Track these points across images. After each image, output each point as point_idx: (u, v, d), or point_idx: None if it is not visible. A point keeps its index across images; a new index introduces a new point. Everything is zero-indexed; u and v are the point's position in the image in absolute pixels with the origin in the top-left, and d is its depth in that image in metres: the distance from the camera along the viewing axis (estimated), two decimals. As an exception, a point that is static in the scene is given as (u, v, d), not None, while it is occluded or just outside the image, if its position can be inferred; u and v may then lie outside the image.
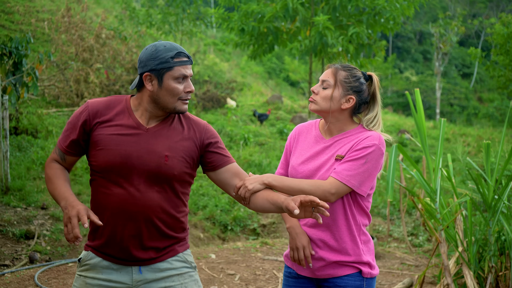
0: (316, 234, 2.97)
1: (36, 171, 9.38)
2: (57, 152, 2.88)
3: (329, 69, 3.02)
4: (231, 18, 9.54)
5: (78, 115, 2.82)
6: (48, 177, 2.83)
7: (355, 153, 2.88)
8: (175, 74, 2.79)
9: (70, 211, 2.61)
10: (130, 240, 2.79)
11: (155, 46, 2.82)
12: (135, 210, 2.77)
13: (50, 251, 6.72)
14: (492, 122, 33.75)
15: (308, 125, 3.17)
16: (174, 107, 2.83)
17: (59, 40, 14.94)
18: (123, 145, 2.77)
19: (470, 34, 51.69)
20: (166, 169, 2.81)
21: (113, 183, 2.77)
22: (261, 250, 7.39)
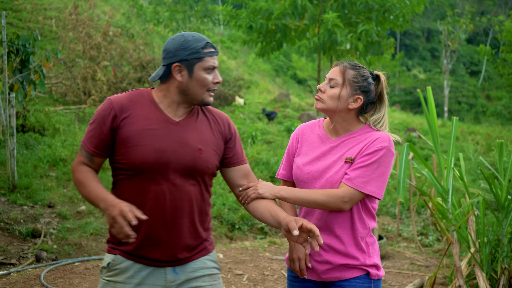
0: (324, 238, 2.88)
1: (43, 169, 9.34)
2: (84, 154, 2.74)
3: (337, 67, 2.93)
4: (239, 15, 9.47)
5: (104, 113, 2.70)
6: (79, 181, 2.70)
7: (366, 157, 2.81)
8: (205, 64, 2.73)
9: (112, 210, 2.51)
10: (167, 239, 2.72)
11: (183, 36, 2.76)
12: (174, 207, 2.71)
13: (56, 250, 6.67)
14: (500, 120, 33.61)
15: (311, 124, 3.10)
16: (202, 99, 2.77)
17: (66, 37, 14.92)
18: (156, 140, 2.69)
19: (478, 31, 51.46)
20: (201, 163, 2.76)
21: (148, 181, 2.68)
22: (269, 250, 7.32)
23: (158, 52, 18.71)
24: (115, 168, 2.74)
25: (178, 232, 2.73)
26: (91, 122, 2.73)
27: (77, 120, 13.23)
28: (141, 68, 16.35)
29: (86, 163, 2.74)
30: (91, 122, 2.73)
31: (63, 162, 9.74)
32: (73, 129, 12.20)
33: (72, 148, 10.45)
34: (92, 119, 2.75)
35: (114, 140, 2.71)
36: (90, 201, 2.64)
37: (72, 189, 8.70)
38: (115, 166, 2.74)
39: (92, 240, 7.08)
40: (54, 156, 9.83)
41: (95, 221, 7.61)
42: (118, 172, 2.74)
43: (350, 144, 2.89)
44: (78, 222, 7.55)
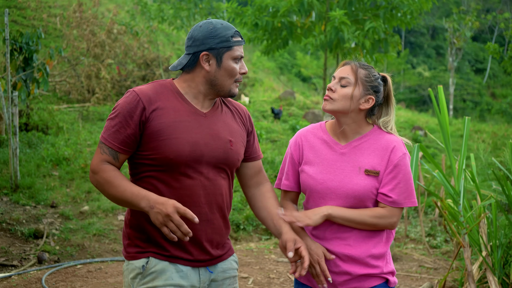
0: (341, 249, 2.75)
1: (46, 168, 9.25)
2: (108, 151, 2.52)
3: (347, 66, 2.79)
4: (245, 12, 9.35)
5: (130, 105, 2.51)
6: (106, 181, 2.48)
7: (394, 173, 2.70)
8: (235, 54, 2.61)
9: (164, 208, 2.37)
10: (203, 236, 2.60)
11: (212, 23, 2.62)
12: (208, 201, 2.59)
13: (59, 251, 6.57)
14: (505, 118, 33.47)
15: (313, 129, 2.91)
16: (229, 90, 2.65)
17: (70, 35, 14.87)
18: (188, 133, 2.55)
19: (483, 29, 51.34)
20: (233, 155, 2.66)
21: (181, 175, 2.54)
22: (274, 252, 7.21)
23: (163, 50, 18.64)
24: (141, 164, 2.57)
25: (212, 229, 2.62)
26: (112, 116, 2.54)
27: (81, 118, 13.15)
28: (145, 66, 16.27)
29: (110, 161, 2.53)
30: (113, 117, 2.53)
31: (66, 161, 9.65)
32: (77, 127, 12.12)
33: (76, 147, 10.37)
34: (113, 113, 2.55)
35: (141, 134, 2.53)
36: (124, 201, 2.47)
37: (75, 189, 8.61)
38: (140, 163, 2.57)
39: (95, 241, 6.98)
40: (58, 155, 9.74)
41: (98, 222, 7.51)
42: (144, 169, 2.56)
43: (363, 150, 2.75)
44: (81, 222, 7.46)
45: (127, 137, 2.52)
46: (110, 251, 6.80)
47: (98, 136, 11.54)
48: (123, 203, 2.49)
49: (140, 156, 2.56)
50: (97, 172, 2.52)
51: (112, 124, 2.53)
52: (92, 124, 12.90)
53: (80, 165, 9.48)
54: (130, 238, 2.61)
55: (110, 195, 2.50)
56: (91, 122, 13.12)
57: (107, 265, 6.26)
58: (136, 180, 2.60)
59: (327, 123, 2.91)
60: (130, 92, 2.57)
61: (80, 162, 9.59)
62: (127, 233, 2.63)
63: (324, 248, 2.72)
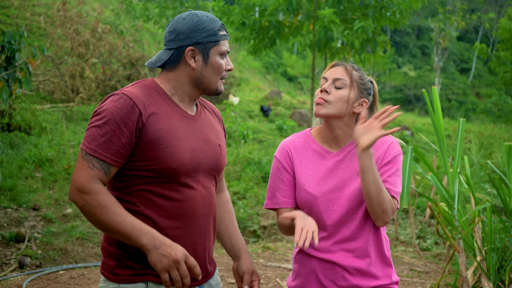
0: (348, 261, 2.59)
1: (28, 170, 9.05)
2: (98, 165, 2.21)
3: (340, 67, 2.63)
4: (232, 11, 9.18)
5: (124, 110, 2.22)
6: (100, 205, 2.17)
7: (388, 166, 2.57)
8: (221, 49, 2.39)
9: (173, 253, 2.15)
10: (203, 251, 2.40)
11: (197, 15, 2.38)
12: (206, 212, 2.39)
13: (41, 255, 6.39)
14: (490, 118, 33.64)
15: (299, 138, 2.71)
16: (216, 87, 2.43)
17: (54, 34, 14.65)
18: (185, 139, 2.32)
19: (468, 29, 51.63)
20: (222, 160, 2.47)
21: (181, 186, 2.31)
22: (263, 256, 7.05)
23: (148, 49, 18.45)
24: (133, 176, 2.28)
25: (209, 242, 2.44)
26: (100, 123, 2.22)
27: (65, 118, 12.95)
28: (130, 66, 16.08)
29: (101, 178, 2.22)
30: (102, 123, 2.22)
31: (49, 163, 9.46)
32: (61, 128, 11.92)
33: (59, 148, 10.17)
34: (99, 119, 2.24)
35: (135, 143, 2.26)
36: (120, 232, 2.18)
37: (58, 191, 8.42)
38: (133, 175, 2.28)
39: (78, 245, 6.80)
40: (40, 156, 9.55)
41: (81, 225, 7.34)
42: (137, 182, 2.28)
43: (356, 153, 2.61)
44: (64, 225, 7.28)
45: (121, 147, 2.23)
46: (94, 255, 6.63)
47: (82, 137, 11.34)
48: (116, 234, 2.21)
49: (134, 167, 2.29)
50: (88, 193, 2.19)
51: (101, 133, 2.22)
52: (76, 125, 12.70)
53: (64, 167, 9.30)
54: (119, 259, 2.33)
55: (101, 222, 2.20)
56: (75, 122, 12.92)
57: (90, 270, 6.08)
58: (126, 195, 2.32)
59: (312, 130, 2.73)
60: (120, 95, 2.28)
61: (64, 163, 9.41)
62: (114, 253, 2.33)
63: None
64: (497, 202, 5.33)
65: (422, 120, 23.14)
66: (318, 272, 2.61)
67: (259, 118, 17.34)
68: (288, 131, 15.34)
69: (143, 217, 2.29)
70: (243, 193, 9.43)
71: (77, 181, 2.21)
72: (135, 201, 2.30)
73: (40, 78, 14.23)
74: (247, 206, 8.83)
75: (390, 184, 2.53)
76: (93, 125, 2.24)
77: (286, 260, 6.92)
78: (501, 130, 21.95)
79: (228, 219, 2.63)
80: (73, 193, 2.22)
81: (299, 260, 2.69)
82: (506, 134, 20.20)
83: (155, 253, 2.16)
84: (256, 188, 9.65)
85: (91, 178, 2.20)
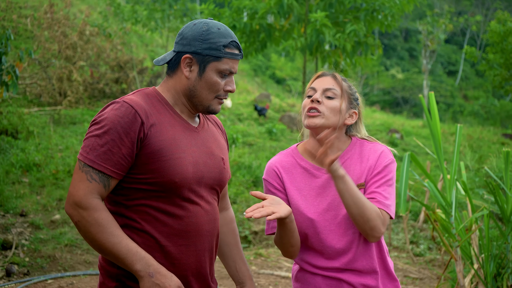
0: (356, 279, 2.49)
1: (15, 175, 8.91)
2: (98, 177, 2.10)
3: (328, 77, 2.53)
4: (222, 14, 9.11)
5: (125, 120, 2.12)
6: (97, 224, 2.07)
7: (380, 175, 2.45)
8: (222, 66, 2.23)
9: (167, 284, 2.07)
10: (207, 269, 2.29)
11: (207, 25, 2.25)
12: (210, 228, 2.28)
13: (28, 263, 6.25)
14: (477, 120, 33.76)
15: (286, 157, 2.59)
16: (208, 106, 2.28)
17: (41, 37, 14.49)
18: (188, 151, 2.21)
19: (455, 31, 51.85)
20: (226, 174, 2.36)
21: (184, 201, 2.20)
22: (255, 263, 6.96)
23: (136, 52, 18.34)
24: (134, 190, 2.18)
25: (211, 259, 2.33)
26: (100, 133, 2.11)
27: (52, 122, 12.80)
28: (118, 68, 15.96)
29: (100, 191, 2.11)
30: (101, 133, 2.11)
31: (36, 167, 9.31)
32: (48, 131, 11.77)
33: (47, 152, 10.03)
34: (99, 128, 2.13)
35: (137, 154, 2.15)
36: (114, 254, 2.08)
37: (46, 197, 8.29)
38: (133, 188, 2.17)
39: (67, 252, 6.68)
40: (28, 161, 9.40)
41: (70, 231, 7.21)
42: (138, 196, 2.18)
43: (349, 167, 2.50)
44: (52, 232, 7.15)
45: (122, 158, 2.12)
46: (83, 263, 6.51)
47: (70, 141, 11.21)
48: (109, 255, 2.10)
49: (134, 179, 2.18)
50: (86, 208, 2.08)
51: (101, 143, 2.11)
52: (64, 128, 12.56)
53: (51, 171, 9.16)
54: (120, 280, 2.21)
55: (96, 241, 2.09)
56: (62, 126, 12.78)
57: (79, 279, 5.96)
58: (126, 210, 2.21)
59: (299, 146, 2.61)
60: (121, 103, 2.16)
61: (51, 168, 9.27)
62: (115, 274, 2.22)
63: None
64: (494, 208, 5.27)
65: (411, 123, 23.13)
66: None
67: (249, 121, 17.24)
68: (278, 134, 15.27)
69: (144, 234, 2.19)
70: (234, 198, 9.33)
71: (74, 194, 2.10)
72: (135, 217, 2.19)
73: (27, 81, 14.08)
74: (237, 211, 8.74)
75: (379, 196, 2.42)
76: (92, 134, 2.13)
77: (279, 267, 6.84)
78: (489, 133, 21.98)
79: (233, 241, 2.54)
80: (69, 207, 2.12)
81: (301, 279, 2.58)
82: (495, 137, 20.24)
83: (148, 281, 2.07)
84: (247, 193, 9.56)
85: (90, 192, 2.10)
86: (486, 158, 8.91)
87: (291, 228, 2.35)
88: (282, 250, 2.49)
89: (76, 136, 11.77)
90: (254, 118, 17.60)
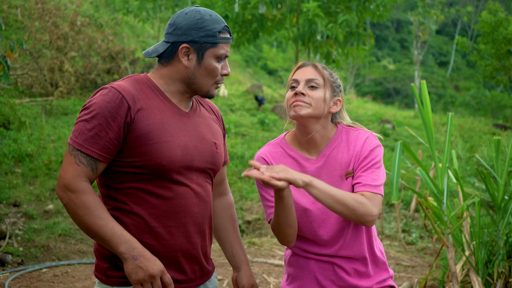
0: (347, 264, 2.54)
1: (8, 165, 8.90)
2: (85, 161, 2.16)
3: (309, 67, 2.54)
4: (214, 4, 9.12)
5: (112, 104, 2.17)
6: (84, 206, 2.12)
7: (366, 160, 2.48)
8: (219, 52, 2.30)
9: (150, 267, 2.10)
10: (198, 250, 2.33)
11: (200, 13, 2.30)
12: (201, 210, 2.32)
13: (22, 253, 6.27)
14: (468, 111, 33.87)
15: (274, 147, 2.59)
16: (208, 91, 2.35)
17: (32, 27, 14.42)
18: (177, 135, 2.25)
19: (447, 22, 51.96)
20: (218, 158, 2.40)
21: (173, 183, 2.24)
22: (249, 251, 7.00)
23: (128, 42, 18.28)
24: (122, 173, 2.23)
25: (204, 241, 2.37)
26: (87, 117, 2.17)
27: (44, 112, 12.78)
28: (110, 59, 15.93)
29: (88, 174, 2.17)
30: (89, 118, 2.17)
31: (29, 158, 9.31)
32: (40, 122, 11.76)
33: (39, 143, 10.03)
34: (87, 113, 2.18)
35: (124, 138, 2.20)
36: (99, 236, 2.14)
37: (39, 187, 8.29)
38: (122, 171, 2.23)
39: (61, 242, 6.69)
40: (20, 151, 9.40)
41: (63, 221, 7.23)
42: (126, 179, 2.23)
43: (337, 156, 2.52)
44: (46, 222, 7.16)
45: (109, 142, 2.17)
46: (77, 252, 6.54)
47: (62, 132, 11.20)
48: (96, 237, 2.16)
49: (122, 163, 2.23)
50: (74, 191, 2.14)
51: (89, 127, 2.16)
52: (56, 119, 12.55)
53: (44, 162, 9.16)
54: (112, 261, 2.27)
55: (83, 223, 2.15)
56: (54, 117, 12.77)
57: (74, 268, 5.99)
58: (116, 193, 2.26)
59: (287, 136, 2.63)
60: (109, 89, 2.22)
61: (44, 158, 9.27)
62: (107, 255, 2.28)
63: None
64: (485, 196, 5.32)
65: (403, 114, 23.20)
66: (317, 273, 2.55)
67: (241, 112, 17.25)
68: (270, 125, 15.29)
69: (134, 216, 2.24)
70: (226, 188, 9.36)
71: (63, 177, 2.17)
72: (126, 200, 2.24)
73: (19, 72, 14.03)
74: (230, 201, 8.77)
75: (366, 180, 2.44)
76: (81, 119, 2.19)
77: (272, 255, 6.88)
78: (480, 123, 22.07)
79: (230, 226, 2.57)
80: (59, 189, 2.19)
81: (295, 263, 2.61)
82: (486, 127, 20.32)
83: (132, 264, 2.12)
84: (240, 183, 9.58)
85: (78, 175, 2.16)
86: (477, 148, 8.97)
87: (287, 202, 2.33)
88: (280, 233, 2.47)
89: (68, 127, 11.76)
90: (246, 109, 17.62)
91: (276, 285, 5.83)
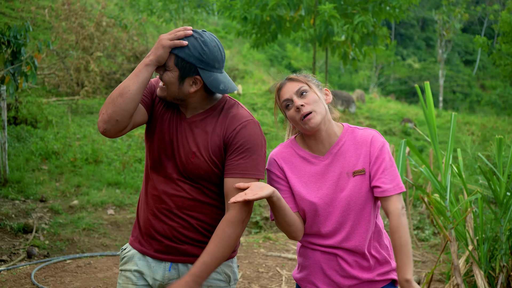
0: (350, 257, 2.69)
1: (35, 162, 9.22)
2: None
3: (287, 82, 2.68)
4: (234, 6, 9.34)
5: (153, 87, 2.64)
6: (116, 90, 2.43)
7: (378, 163, 2.62)
8: None
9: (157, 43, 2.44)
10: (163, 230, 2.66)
11: None
12: (174, 201, 2.63)
13: (48, 246, 6.56)
14: (494, 110, 33.62)
15: (285, 148, 2.75)
16: None
17: (59, 28, 14.77)
18: (162, 135, 2.62)
19: (473, 21, 51.51)
20: (192, 167, 2.54)
21: (153, 169, 2.65)
22: (264, 246, 7.23)
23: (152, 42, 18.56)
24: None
25: (176, 224, 2.59)
26: None
27: (70, 111, 13.11)
28: (134, 59, 16.23)
29: None
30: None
31: (55, 155, 9.63)
32: (66, 121, 12.08)
33: (65, 141, 10.34)
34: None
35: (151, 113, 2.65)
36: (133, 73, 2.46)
37: (65, 183, 8.60)
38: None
39: (85, 236, 6.97)
40: (47, 149, 9.72)
41: (87, 216, 7.51)
42: (147, 162, 2.72)
43: (344, 154, 2.67)
44: (71, 217, 7.45)
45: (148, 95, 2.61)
46: (100, 246, 6.81)
47: (87, 130, 11.52)
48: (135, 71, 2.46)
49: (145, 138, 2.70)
50: None
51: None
52: (82, 118, 12.86)
53: (70, 159, 9.46)
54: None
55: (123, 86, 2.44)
56: (80, 116, 13.08)
57: (96, 259, 6.26)
58: None
59: (297, 137, 2.78)
60: None
61: (70, 156, 9.57)
62: None
63: None
64: (489, 193, 5.48)
65: (426, 112, 23.16)
66: (322, 263, 2.70)
67: (263, 111, 17.43)
68: (291, 124, 15.45)
69: None
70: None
71: None
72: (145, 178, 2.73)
73: (46, 72, 14.38)
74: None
75: (384, 182, 2.57)
76: None
77: (286, 250, 7.10)
78: (504, 122, 21.98)
79: (212, 240, 2.52)
80: None
81: (303, 254, 2.78)
82: (509, 126, 20.22)
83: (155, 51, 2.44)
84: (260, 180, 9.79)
85: None
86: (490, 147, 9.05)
87: (279, 205, 2.52)
88: (283, 231, 2.67)
89: (93, 125, 12.06)
90: (268, 108, 17.77)
91: (288, 277, 6.04)
